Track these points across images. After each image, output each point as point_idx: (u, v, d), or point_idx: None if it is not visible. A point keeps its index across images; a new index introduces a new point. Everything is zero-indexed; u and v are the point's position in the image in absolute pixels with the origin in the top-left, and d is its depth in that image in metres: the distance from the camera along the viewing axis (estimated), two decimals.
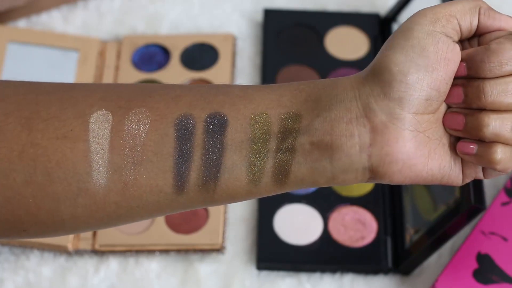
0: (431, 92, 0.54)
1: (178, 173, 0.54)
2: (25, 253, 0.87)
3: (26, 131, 0.53)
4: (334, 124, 0.54)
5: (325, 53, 0.98)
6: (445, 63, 0.54)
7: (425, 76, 0.53)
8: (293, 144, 0.54)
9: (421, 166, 0.55)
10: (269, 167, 0.54)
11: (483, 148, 0.54)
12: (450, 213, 0.78)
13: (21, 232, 0.55)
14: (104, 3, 1.02)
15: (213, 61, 0.97)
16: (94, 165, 0.53)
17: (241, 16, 1.02)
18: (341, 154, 0.54)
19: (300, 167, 0.54)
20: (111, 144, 0.53)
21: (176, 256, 0.87)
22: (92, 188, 0.53)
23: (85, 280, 0.86)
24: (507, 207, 0.84)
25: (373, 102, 0.54)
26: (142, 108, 0.54)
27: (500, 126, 0.54)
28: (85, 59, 0.96)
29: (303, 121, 0.54)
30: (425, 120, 0.54)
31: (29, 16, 1.00)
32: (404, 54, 0.54)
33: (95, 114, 0.54)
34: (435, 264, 0.86)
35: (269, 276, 0.86)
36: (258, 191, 0.55)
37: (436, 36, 0.54)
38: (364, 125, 0.54)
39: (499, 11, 1.06)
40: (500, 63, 0.54)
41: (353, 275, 0.86)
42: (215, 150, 0.54)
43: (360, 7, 1.02)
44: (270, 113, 0.54)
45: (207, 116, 0.54)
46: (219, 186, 0.54)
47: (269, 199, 0.89)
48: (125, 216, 0.55)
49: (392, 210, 0.88)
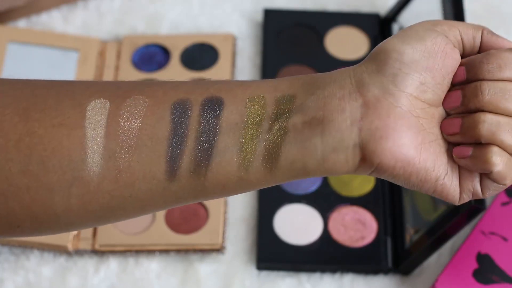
0: (426, 77, 0.54)
1: (171, 157, 0.54)
2: (25, 253, 0.87)
3: (23, 122, 0.54)
4: (327, 101, 0.54)
5: (325, 53, 0.98)
6: (442, 55, 0.54)
7: (421, 59, 0.54)
8: (285, 124, 0.54)
9: (413, 151, 0.54)
10: (260, 150, 0.54)
11: (479, 149, 0.54)
12: (450, 213, 0.78)
13: (15, 229, 0.55)
14: (104, 3, 1.02)
15: (213, 61, 0.97)
16: (89, 152, 0.54)
17: (241, 16, 1.02)
18: (332, 128, 0.54)
19: (291, 147, 0.54)
20: (107, 129, 0.54)
21: (176, 256, 0.87)
22: (86, 176, 0.54)
23: (85, 280, 0.86)
24: (507, 207, 0.84)
25: (367, 77, 0.54)
26: (140, 95, 0.55)
27: (496, 126, 0.53)
28: (85, 59, 0.96)
29: (297, 100, 0.55)
30: (419, 106, 0.54)
31: (29, 16, 1.00)
32: (401, 39, 0.55)
33: (93, 102, 0.54)
34: (435, 264, 0.86)
35: (269, 276, 0.86)
36: (249, 178, 0.55)
37: (435, 32, 0.55)
38: (356, 99, 0.54)
39: (499, 11, 1.06)
40: (499, 66, 0.54)
41: (353, 275, 0.86)
42: (209, 133, 0.54)
43: (360, 7, 1.02)
44: (266, 96, 0.55)
45: (203, 99, 0.55)
46: (210, 171, 0.54)
47: (269, 199, 0.89)
48: (118, 208, 0.55)
49: (392, 210, 0.88)
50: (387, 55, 0.54)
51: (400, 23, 0.97)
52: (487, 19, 1.00)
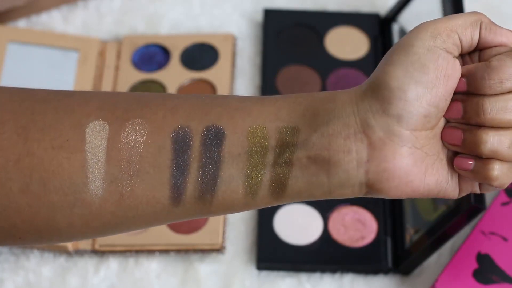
0: (430, 109, 0.53)
1: (175, 185, 0.54)
2: (25, 253, 0.87)
3: (22, 140, 0.53)
4: (332, 139, 0.54)
5: (325, 53, 0.98)
6: (445, 79, 0.54)
7: (425, 93, 0.53)
8: (290, 158, 0.54)
9: (418, 182, 0.54)
10: (266, 181, 0.54)
11: (481, 164, 0.54)
12: (450, 213, 0.78)
13: (16, 240, 0.55)
14: (104, 3, 1.02)
15: (213, 61, 0.97)
16: (90, 176, 0.53)
17: (241, 16, 1.02)
18: (338, 169, 0.54)
19: (297, 181, 0.54)
20: (108, 155, 0.53)
21: (176, 256, 0.87)
22: (88, 198, 0.53)
23: (85, 280, 0.85)
24: (507, 207, 0.84)
25: (371, 118, 0.53)
26: (139, 119, 0.54)
27: (498, 143, 0.53)
28: (85, 59, 0.96)
29: (301, 135, 0.54)
30: (423, 136, 0.54)
31: (29, 16, 1.00)
32: (403, 70, 0.53)
33: (92, 124, 0.54)
34: (435, 264, 0.86)
35: (269, 276, 0.86)
36: (255, 203, 0.55)
37: (436, 52, 0.53)
38: (362, 140, 0.54)
39: (499, 11, 1.06)
40: (501, 81, 0.53)
41: (353, 275, 0.86)
42: (212, 163, 0.54)
43: (360, 7, 1.02)
44: (268, 126, 0.54)
45: (204, 128, 0.54)
46: (216, 198, 0.54)
47: None
48: (121, 225, 0.55)
49: (392, 210, 0.88)
50: (391, 93, 0.53)
51: (400, 23, 0.97)
52: None
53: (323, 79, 0.96)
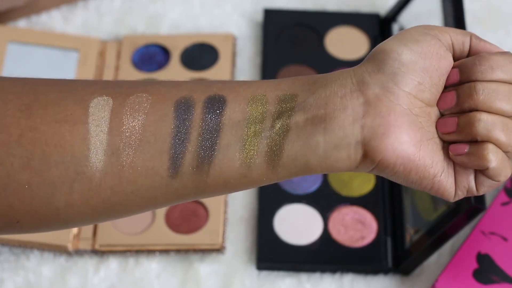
0: (424, 77, 0.56)
1: (174, 154, 0.55)
2: (25, 253, 0.87)
3: (26, 117, 0.54)
4: (329, 99, 0.55)
5: (325, 53, 0.98)
6: (437, 56, 0.56)
7: (418, 59, 0.56)
8: (287, 122, 0.55)
9: (414, 148, 0.55)
10: (262, 147, 0.55)
11: (475, 146, 0.56)
12: (450, 213, 0.78)
13: (14, 224, 0.55)
14: (104, 3, 1.02)
15: (213, 61, 0.97)
16: (92, 148, 0.54)
17: (241, 16, 1.02)
18: (335, 125, 0.55)
19: (293, 144, 0.55)
20: (111, 126, 0.54)
21: (176, 256, 0.87)
22: (88, 172, 0.54)
23: (85, 280, 0.86)
24: (507, 207, 0.84)
25: (367, 77, 0.56)
26: (143, 93, 0.56)
27: (492, 124, 0.55)
28: (85, 59, 0.96)
29: (299, 99, 0.56)
30: (418, 105, 0.56)
31: (29, 16, 1.00)
32: (398, 41, 0.56)
33: (96, 100, 0.55)
34: (435, 264, 0.86)
35: (269, 276, 0.86)
36: (251, 175, 0.56)
37: (429, 36, 0.57)
38: (358, 98, 0.55)
39: (499, 11, 1.06)
40: (491, 67, 0.56)
41: (353, 275, 0.86)
42: (211, 130, 0.55)
43: (360, 7, 1.02)
44: (268, 94, 0.56)
45: (206, 97, 0.56)
46: (212, 168, 0.55)
47: (269, 199, 0.89)
48: (119, 204, 0.55)
49: (392, 210, 0.88)
50: (386, 55, 0.56)
51: (400, 23, 0.97)
52: (487, 19, 1.00)
53: None
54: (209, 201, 0.88)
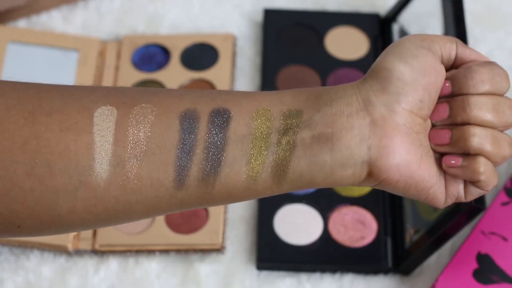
0: (424, 94, 0.57)
1: (179, 166, 0.55)
2: (25, 253, 0.87)
3: (29, 124, 0.53)
4: (335, 118, 0.56)
5: (325, 53, 0.98)
6: (434, 71, 0.58)
7: (419, 78, 0.57)
8: (293, 138, 0.55)
9: (415, 165, 0.57)
10: (269, 162, 0.55)
11: (468, 160, 0.57)
12: (450, 213, 0.78)
13: (14, 229, 0.55)
14: (104, 3, 1.02)
15: (213, 61, 0.97)
16: (97, 158, 0.54)
17: (241, 16, 1.02)
18: (342, 145, 0.55)
19: (300, 161, 0.55)
20: (116, 136, 0.54)
21: (176, 256, 0.87)
22: (93, 182, 0.54)
23: (85, 280, 0.86)
24: (507, 207, 0.84)
25: (373, 96, 0.56)
26: (147, 104, 0.55)
27: (484, 139, 0.57)
28: (85, 59, 0.96)
29: (304, 116, 0.56)
30: (417, 122, 0.57)
31: (29, 16, 1.00)
32: (399, 57, 0.57)
33: (100, 109, 0.55)
34: (435, 264, 0.86)
35: (269, 276, 0.86)
36: (256, 188, 0.56)
37: (424, 49, 0.58)
38: (364, 118, 0.56)
39: (499, 11, 1.06)
40: (482, 81, 0.58)
41: (353, 275, 0.86)
42: (217, 144, 0.55)
43: (360, 7, 1.02)
44: (272, 109, 0.56)
45: (211, 110, 0.56)
46: (218, 181, 0.55)
47: (269, 199, 0.89)
48: (122, 212, 0.55)
49: (392, 210, 0.88)
50: (390, 73, 0.57)
51: (400, 23, 0.97)
52: (487, 19, 1.00)
53: (323, 79, 0.96)
54: None
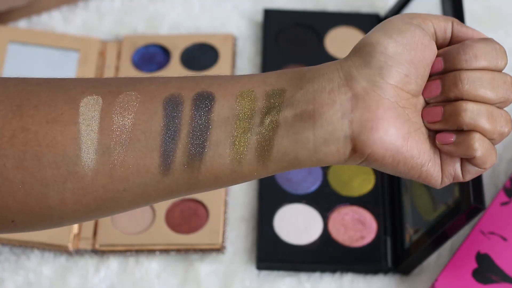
0: (410, 68, 0.56)
1: (164, 151, 0.55)
2: (25, 253, 0.87)
3: (17, 117, 0.54)
4: (317, 94, 0.56)
5: (325, 53, 0.98)
6: (422, 47, 0.57)
7: (404, 51, 0.56)
8: (276, 118, 0.56)
9: (402, 140, 0.56)
10: (252, 143, 0.56)
11: (462, 136, 0.57)
12: (449, 213, 0.78)
13: (9, 223, 0.55)
14: (104, 3, 1.02)
15: (213, 61, 0.97)
16: (83, 147, 0.54)
17: (241, 16, 1.02)
18: (323, 121, 0.55)
19: (283, 140, 0.55)
20: (101, 125, 0.55)
21: (176, 256, 0.87)
22: (80, 171, 0.54)
23: (85, 280, 0.86)
24: (506, 207, 0.84)
25: (355, 71, 0.56)
26: (132, 91, 0.56)
27: (477, 114, 0.56)
28: (86, 59, 0.96)
29: (287, 94, 0.56)
30: (404, 97, 0.56)
31: (29, 16, 1.00)
32: (383, 32, 0.57)
33: (86, 99, 0.55)
34: (435, 264, 0.86)
35: (269, 276, 0.86)
36: (242, 170, 0.56)
37: (413, 25, 0.57)
38: (346, 93, 0.55)
39: (499, 11, 1.06)
40: (475, 56, 0.57)
41: (352, 275, 0.86)
42: (201, 127, 0.55)
43: (360, 7, 1.02)
44: (256, 90, 0.56)
45: (195, 94, 0.56)
46: (203, 165, 0.55)
47: (269, 199, 0.89)
48: (111, 201, 0.56)
49: (392, 210, 0.88)
50: (372, 48, 0.56)
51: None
52: (487, 19, 1.00)
53: None
54: (209, 201, 0.88)
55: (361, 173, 0.90)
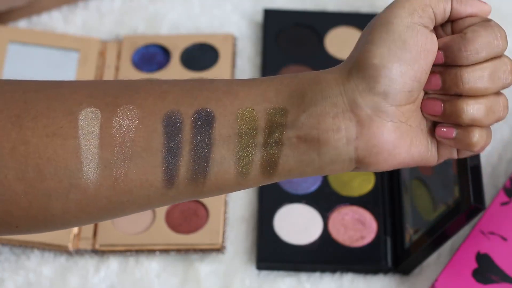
0: (413, 84, 0.56)
1: (167, 167, 0.55)
2: (25, 253, 0.87)
3: (17, 129, 0.54)
4: (321, 119, 0.55)
5: (325, 53, 0.98)
6: (425, 54, 0.56)
7: (408, 69, 0.55)
8: (280, 138, 0.55)
9: (405, 154, 0.57)
10: (257, 160, 0.55)
11: (462, 132, 0.57)
12: (449, 213, 0.78)
13: (13, 228, 0.55)
14: (104, 3, 1.02)
15: (213, 61, 0.97)
16: (84, 162, 0.54)
17: (241, 16, 1.02)
18: (329, 147, 0.55)
19: (288, 159, 0.56)
20: (101, 140, 0.54)
21: (176, 256, 0.87)
22: (83, 184, 0.54)
23: (85, 279, 0.86)
24: (506, 207, 0.84)
25: (359, 97, 0.55)
26: (130, 105, 0.55)
27: (477, 111, 0.56)
28: (86, 59, 0.96)
29: (289, 116, 0.55)
30: (407, 110, 0.57)
31: (29, 16, 1.00)
32: (386, 48, 0.55)
33: (84, 112, 0.55)
34: (435, 264, 0.86)
35: (269, 276, 0.86)
36: (247, 183, 0.56)
37: (415, 28, 0.56)
38: (350, 119, 0.55)
39: (499, 11, 1.06)
40: (476, 51, 0.56)
41: (353, 275, 0.86)
42: (203, 145, 0.55)
43: (360, 7, 1.02)
44: (256, 108, 0.56)
45: (194, 112, 0.55)
46: (208, 180, 0.55)
47: (269, 199, 0.89)
48: (115, 210, 0.56)
49: (392, 210, 0.88)
50: (377, 72, 0.55)
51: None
52: None
53: None
54: (209, 201, 0.88)
55: (361, 173, 0.90)
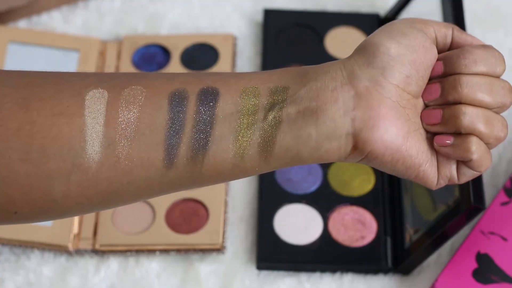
0: (411, 70, 0.57)
1: (169, 145, 0.56)
2: (25, 253, 0.87)
3: (23, 110, 0.54)
4: (320, 92, 0.57)
5: (325, 53, 0.98)
6: (423, 49, 0.58)
7: (406, 53, 0.57)
8: (279, 114, 0.57)
9: (401, 139, 0.57)
10: (255, 139, 0.56)
11: (460, 139, 0.58)
12: (449, 213, 0.78)
13: (11, 215, 0.56)
14: (104, 3, 1.02)
15: (213, 61, 0.97)
16: (88, 140, 0.55)
17: (241, 16, 1.02)
18: (326, 118, 0.56)
19: (286, 136, 0.56)
20: (107, 118, 0.55)
21: (176, 256, 0.87)
22: (85, 164, 0.55)
23: (85, 280, 0.86)
24: (506, 207, 0.84)
25: (358, 70, 0.57)
26: (138, 86, 0.56)
27: (476, 117, 0.57)
28: (86, 59, 0.96)
29: (290, 91, 0.57)
30: (405, 97, 0.58)
31: (29, 16, 1.00)
32: (386, 34, 0.58)
33: (91, 92, 0.56)
34: (435, 264, 0.86)
35: (269, 276, 0.86)
36: (244, 166, 0.57)
37: (415, 29, 0.59)
38: (348, 91, 0.57)
39: (499, 11, 1.06)
40: (475, 61, 0.58)
41: (353, 275, 0.86)
42: (205, 122, 0.56)
43: (360, 7, 1.02)
44: (260, 87, 0.57)
45: (200, 90, 0.57)
46: (206, 159, 0.56)
47: (269, 199, 0.89)
48: (115, 194, 0.56)
49: (392, 210, 0.88)
50: (376, 48, 0.57)
51: None
52: (487, 19, 1.00)
53: None
54: (209, 201, 0.88)
55: (361, 173, 0.91)
